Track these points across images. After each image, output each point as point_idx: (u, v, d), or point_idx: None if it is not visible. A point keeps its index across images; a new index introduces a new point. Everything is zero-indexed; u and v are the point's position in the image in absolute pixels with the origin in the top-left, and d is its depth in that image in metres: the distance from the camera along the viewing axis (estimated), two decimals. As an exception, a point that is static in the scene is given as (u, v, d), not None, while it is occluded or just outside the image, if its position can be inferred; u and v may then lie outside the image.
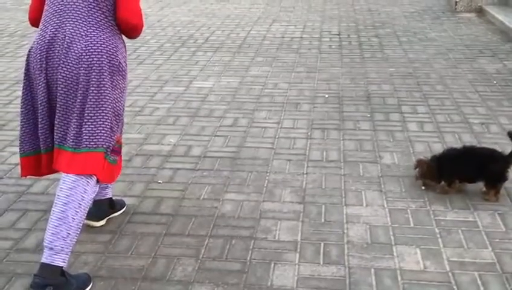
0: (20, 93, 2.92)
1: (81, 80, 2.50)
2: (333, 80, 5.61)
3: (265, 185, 3.53)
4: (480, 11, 8.46)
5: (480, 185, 3.40)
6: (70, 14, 2.53)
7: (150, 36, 7.44)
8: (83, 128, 2.51)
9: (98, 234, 3.02)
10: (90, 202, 2.61)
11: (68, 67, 2.49)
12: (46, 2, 2.62)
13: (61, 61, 2.50)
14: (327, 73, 5.84)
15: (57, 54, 2.51)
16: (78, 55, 2.49)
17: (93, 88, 2.50)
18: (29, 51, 2.62)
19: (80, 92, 2.51)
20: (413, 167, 3.54)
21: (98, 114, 2.52)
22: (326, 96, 5.17)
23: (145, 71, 5.94)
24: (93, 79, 2.50)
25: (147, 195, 3.43)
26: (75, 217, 2.48)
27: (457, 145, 3.77)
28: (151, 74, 5.86)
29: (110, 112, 2.56)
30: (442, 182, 3.40)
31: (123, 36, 2.72)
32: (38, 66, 2.54)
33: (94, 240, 2.97)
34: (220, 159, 3.90)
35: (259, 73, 5.88)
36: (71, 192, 2.49)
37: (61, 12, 2.54)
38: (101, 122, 2.53)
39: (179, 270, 2.72)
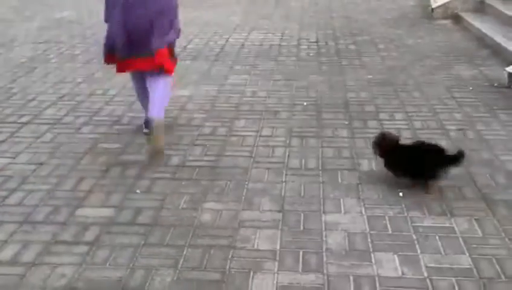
0: None
1: None
2: (312, 88, 5.64)
3: (244, 193, 3.53)
4: (456, 18, 8.56)
5: (459, 191, 3.44)
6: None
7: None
8: None
9: (75, 246, 2.99)
10: None
11: None
12: None
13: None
14: (305, 80, 5.86)
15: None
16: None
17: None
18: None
19: None
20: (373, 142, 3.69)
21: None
22: (305, 104, 5.19)
23: (122, 79, 5.89)
24: None
25: (125, 205, 3.41)
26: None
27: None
28: (128, 82, 5.83)
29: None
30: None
31: None
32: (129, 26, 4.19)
33: (71, 251, 2.94)
34: (199, 168, 3.89)
35: (237, 81, 5.89)
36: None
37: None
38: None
39: (157, 281, 2.70)
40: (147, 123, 4.18)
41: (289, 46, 7.29)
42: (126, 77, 5.05)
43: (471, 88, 5.52)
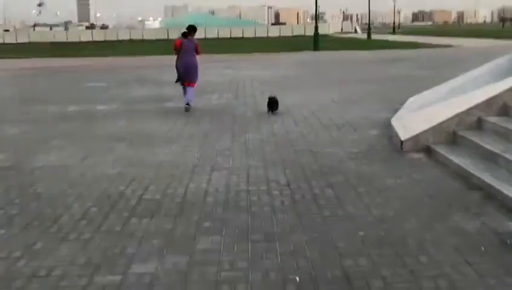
0: None
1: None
2: (299, 253, 4.78)
3: None
4: (428, 151, 8.05)
5: None
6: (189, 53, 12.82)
7: (73, 198, 6.45)
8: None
9: None
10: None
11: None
12: (181, 47, 12.81)
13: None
14: (289, 242, 5.01)
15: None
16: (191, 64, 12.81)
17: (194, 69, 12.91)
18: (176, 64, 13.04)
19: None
20: None
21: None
22: (298, 279, 4.30)
23: (70, 251, 4.89)
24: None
25: None
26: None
27: None
28: (77, 255, 4.81)
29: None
30: None
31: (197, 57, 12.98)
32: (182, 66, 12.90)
33: None
34: None
35: (209, 246, 4.97)
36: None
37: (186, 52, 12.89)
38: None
39: None
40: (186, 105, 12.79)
41: (259, 192, 6.49)
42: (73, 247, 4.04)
43: (483, 248, 4.78)
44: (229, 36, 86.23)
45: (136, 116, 12.30)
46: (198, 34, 14.12)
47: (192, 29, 13.11)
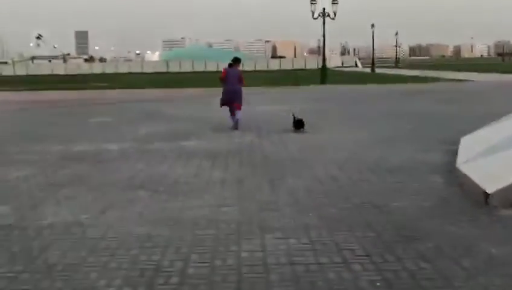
0: None
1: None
2: None
3: None
4: (522, 207, 6.64)
5: None
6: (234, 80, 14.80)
7: (96, 273, 4.99)
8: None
9: None
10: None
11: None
12: (227, 77, 14.89)
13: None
14: None
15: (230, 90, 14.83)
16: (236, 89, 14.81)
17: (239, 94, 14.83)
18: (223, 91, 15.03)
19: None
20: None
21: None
22: None
23: None
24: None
25: None
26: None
27: None
28: None
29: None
30: None
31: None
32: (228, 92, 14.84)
33: None
34: None
35: None
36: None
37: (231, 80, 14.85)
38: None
39: None
40: (234, 124, 14.77)
41: (336, 267, 5.04)
42: None
43: None
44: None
45: (153, 157, 10.89)
46: (198, 67, 16.73)
47: (237, 60, 15.31)
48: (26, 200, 7.73)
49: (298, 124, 14.18)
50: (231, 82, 14.78)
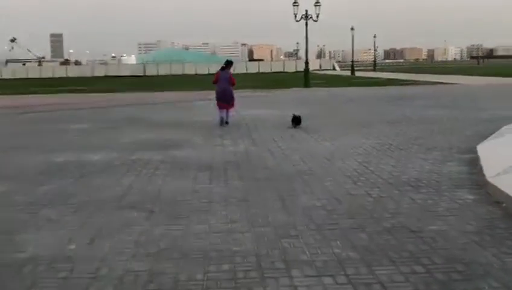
0: None
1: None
2: None
3: None
4: None
5: None
6: (224, 81, 16.41)
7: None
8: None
9: None
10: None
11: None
12: (219, 79, 16.57)
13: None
14: None
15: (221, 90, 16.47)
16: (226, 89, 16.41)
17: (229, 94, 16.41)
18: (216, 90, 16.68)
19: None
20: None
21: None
22: None
23: None
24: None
25: None
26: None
27: None
28: None
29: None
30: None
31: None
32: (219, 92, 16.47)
33: None
34: None
35: None
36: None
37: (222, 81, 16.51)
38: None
39: None
40: (222, 123, 15.96)
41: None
42: None
43: None
44: (207, 72, 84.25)
45: (143, 169, 9.80)
46: (176, 70, 14.90)
47: (229, 63, 17.01)
48: (2, 224, 6.62)
49: (296, 121, 15.14)
50: (222, 83, 16.40)
